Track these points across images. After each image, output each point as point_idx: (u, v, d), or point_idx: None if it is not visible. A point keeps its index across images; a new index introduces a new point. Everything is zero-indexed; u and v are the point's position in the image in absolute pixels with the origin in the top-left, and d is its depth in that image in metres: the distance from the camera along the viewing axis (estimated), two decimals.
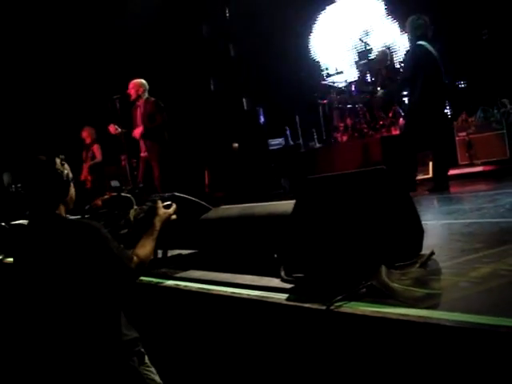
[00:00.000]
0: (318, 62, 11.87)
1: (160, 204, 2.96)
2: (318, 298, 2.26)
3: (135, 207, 3.30)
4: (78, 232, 2.38)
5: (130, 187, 3.24)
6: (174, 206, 3.03)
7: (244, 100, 12.66)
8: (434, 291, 2.17)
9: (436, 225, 3.85)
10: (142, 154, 7.73)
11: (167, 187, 6.41)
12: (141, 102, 7.68)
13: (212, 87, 13.09)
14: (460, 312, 1.85)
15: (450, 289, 2.19)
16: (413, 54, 6.79)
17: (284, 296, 2.50)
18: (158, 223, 2.82)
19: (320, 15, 11.71)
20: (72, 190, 2.59)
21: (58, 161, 2.52)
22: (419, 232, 2.67)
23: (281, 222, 2.86)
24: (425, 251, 2.65)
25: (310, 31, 11.92)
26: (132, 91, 7.68)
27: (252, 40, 11.95)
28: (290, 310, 2.38)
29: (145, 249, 2.60)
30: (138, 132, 7.61)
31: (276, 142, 10.68)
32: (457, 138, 8.11)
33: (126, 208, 3.22)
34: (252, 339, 2.64)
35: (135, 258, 2.48)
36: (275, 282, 2.73)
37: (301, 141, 10.51)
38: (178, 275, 3.47)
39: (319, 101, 10.07)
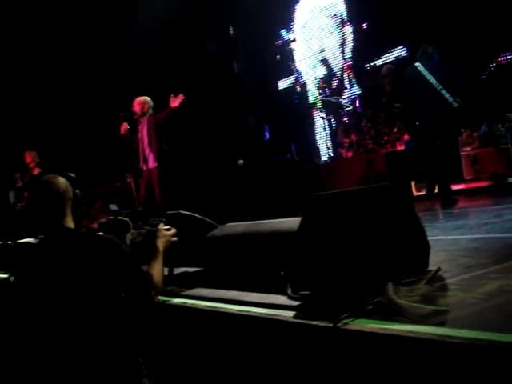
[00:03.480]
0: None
1: (162, 227, 3.02)
2: (325, 315, 2.25)
3: (132, 231, 3.36)
4: (99, 247, 2.35)
5: (129, 211, 3.31)
6: (174, 229, 3.08)
7: (249, 117, 12.73)
8: (441, 308, 2.16)
9: (442, 240, 3.85)
10: (145, 168, 7.51)
11: (171, 205, 6.37)
12: (145, 119, 7.60)
13: (217, 104, 13.16)
14: (468, 329, 1.84)
15: (458, 305, 2.18)
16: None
17: (291, 313, 2.49)
18: (160, 245, 2.89)
19: None
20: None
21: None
22: (425, 248, 2.67)
23: (287, 239, 2.86)
24: (431, 267, 2.65)
25: None
26: (137, 108, 7.62)
27: (256, 57, 12.04)
28: (297, 327, 2.37)
29: (156, 272, 2.66)
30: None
31: (281, 159, 10.72)
32: (462, 153, 8.11)
33: (123, 232, 3.26)
34: (259, 357, 2.63)
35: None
36: (282, 299, 2.72)
37: (306, 157, 10.55)
38: (184, 293, 3.46)
39: (324, 117, 10.13)
